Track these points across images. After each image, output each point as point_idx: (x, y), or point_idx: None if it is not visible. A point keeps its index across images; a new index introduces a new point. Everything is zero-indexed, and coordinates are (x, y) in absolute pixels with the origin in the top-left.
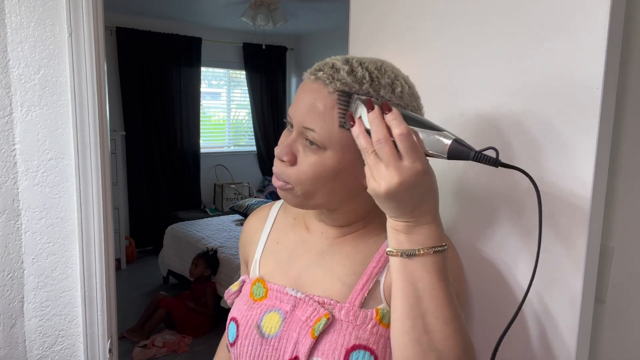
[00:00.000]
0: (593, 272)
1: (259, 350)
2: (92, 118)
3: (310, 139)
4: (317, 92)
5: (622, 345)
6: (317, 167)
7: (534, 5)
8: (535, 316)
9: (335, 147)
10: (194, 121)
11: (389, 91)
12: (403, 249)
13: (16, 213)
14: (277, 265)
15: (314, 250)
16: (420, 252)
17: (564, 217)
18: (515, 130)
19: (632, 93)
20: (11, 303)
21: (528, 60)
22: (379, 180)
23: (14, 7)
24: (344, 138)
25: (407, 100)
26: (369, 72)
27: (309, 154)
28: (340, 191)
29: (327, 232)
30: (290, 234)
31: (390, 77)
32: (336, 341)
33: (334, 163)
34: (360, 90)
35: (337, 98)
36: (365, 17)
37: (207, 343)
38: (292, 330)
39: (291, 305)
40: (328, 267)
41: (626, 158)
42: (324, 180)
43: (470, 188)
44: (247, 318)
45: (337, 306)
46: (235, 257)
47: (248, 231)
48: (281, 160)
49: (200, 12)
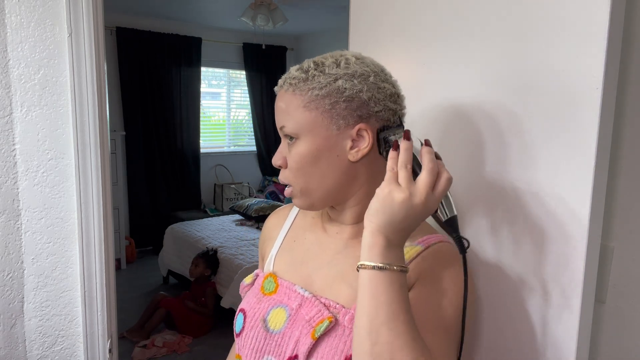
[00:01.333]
0: (593, 272)
1: (263, 344)
2: (92, 118)
3: (287, 134)
4: (280, 97)
5: (622, 345)
6: (297, 157)
7: (534, 5)
8: (535, 316)
9: (305, 132)
10: (194, 121)
11: (333, 67)
12: (375, 263)
13: (16, 213)
14: (292, 262)
15: (329, 251)
16: (389, 268)
17: (564, 217)
18: (515, 130)
19: (632, 93)
20: (11, 303)
21: (528, 60)
22: (406, 188)
23: (14, 7)
24: (309, 122)
25: (356, 68)
26: (314, 61)
27: (291, 150)
28: (331, 175)
29: (343, 232)
30: (307, 234)
31: (334, 57)
32: (336, 346)
33: (309, 147)
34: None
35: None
36: (365, 16)
37: (207, 343)
38: (295, 328)
39: (297, 303)
40: (339, 269)
41: (626, 158)
42: (308, 167)
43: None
44: (255, 310)
45: (342, 311)
46: (235, 257)
47: (268, 228)
48: (278, 166)
49: (200, 12)
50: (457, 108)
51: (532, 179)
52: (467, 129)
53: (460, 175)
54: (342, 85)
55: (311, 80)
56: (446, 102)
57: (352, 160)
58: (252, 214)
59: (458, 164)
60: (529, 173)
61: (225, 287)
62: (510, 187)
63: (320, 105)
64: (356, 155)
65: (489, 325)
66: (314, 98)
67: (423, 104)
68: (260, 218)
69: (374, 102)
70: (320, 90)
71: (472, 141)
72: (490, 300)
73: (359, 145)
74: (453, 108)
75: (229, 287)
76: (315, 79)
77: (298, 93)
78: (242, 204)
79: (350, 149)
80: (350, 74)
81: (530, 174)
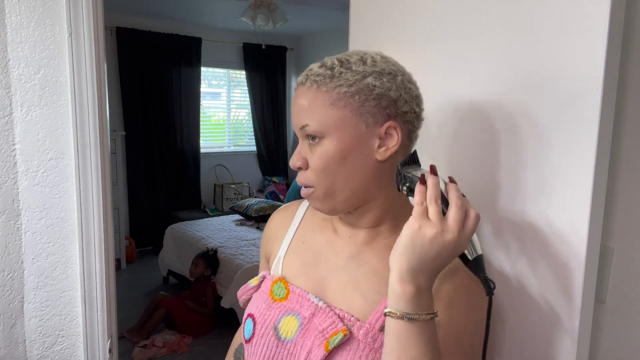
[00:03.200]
0: (593, 272)
1: (274, 352)
2: (92, 118)
3: (310, 134)
4: (302, 94)
5: (622, 345)
6: (323, 157)
7: (534, 5)
8: (535, 316)
9: (331, 131)
10: (194, 121)
11: (360, 64)
12: (406, 311)
13: (16, 213)
14: (302, 266)
15: (341, 255)
16: (421, 317)
17: (564, 217)
18: (515, 130)
19: (632, 93)
20: (11, 303)
21: (528, 60)
22: (437, 223)
23: (14, 7)
24: (336, 121)
25: (383, 66)
26: (337, 59)
27: (315, 150)
28: (357, 175)
29: (356, 236)
30: (317, 235)
31: (358, 54)
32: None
33: (336, 146)
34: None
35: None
36: (365, 16)
37: (207, 343)
38: (307, 338)
39: (310, 312)
40: (352, 276)
41: (626, 158)
42: (334, 167)
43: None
44: (265, 317)
45: (356, 324)
46: (235, 257)
47: (273, 226)
48: (297, 168)
49: (200, 12)
50: (456, 108)
51: (532, 178)
52: (467, 129)
53: (460, 175)
54: (371, 82)
55: (338, 78)
56: (446, 102)
57: (379, 159)
58: (252, 214)
59: (457, 163)
60: (529, 173)
61: (225, 287)
62: (510, 187)
63: (349, 103)
64: (384, 154)
65: None
66: (342, 95)
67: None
68: (260, 218)
69: (402, 101)
70: (349, 87)
71: (471, 141)
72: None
73: (387, 143)
74: (452, 108)
75: (229, 287)
76: (342, 75)
77: (324, 90)
78: (242, 204)
79: (378, 147)
80: (379, 72)
81: (530, 174)
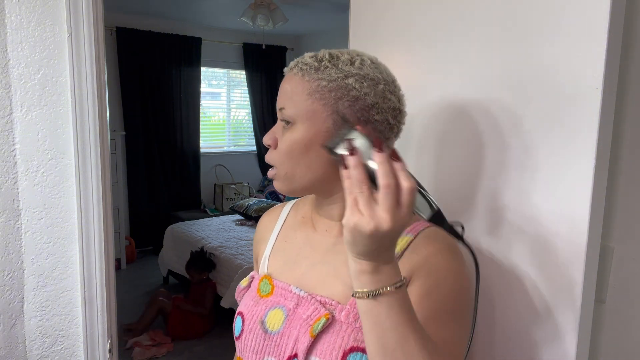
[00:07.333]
0: (593, 272)
1: (262, 345)
2: (92, 118)
3: (284, 118)
4: (288, 79)
5: (622, 345)
6: (289, 142)
7: (534, 5)
8: (535, 316)
9: (302, 119)
10: (194, 121)
11: (347, 64)
12: (369, 289)
13: (16, 213)
14: (285, 263)
15: (320, 249)
16: (385, 291)
17: (564, 217)
18: (515, 130)
19: (632, 93)
20: (11, 303)
21: (528, 60)
22: (369, 218)
23: (14, 7)
24: (309, 111)
25: (369, 71)
26: (330, 53)
27: (285, 134)
28: (317, 168)
29: (332, 229)
30: (298, 233)
31: (351, 54)
32: (334, 342)
33: (303, 134)
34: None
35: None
36: (365, 16)
37: (207, 343)
38: (293, 327)
39: (294, 303)
40: (332, 266)
41: (626, 158)
42: (297, 153)
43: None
44: (253, 313)
45: (338, 307)
46: (235, 257)
47: (261, 229)
48: (267, 145)
49: (200, 12)
50: (456, 108)
51: (532, 178)
52: (467, 129)
53: (460, 175)
54: (351, 83)
55: (322, 71)
56: (445, 102)
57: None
58: (252, 214)
59: (457, 163)
60: (529, 173)
61: (225, 287)
62: (510, 186)
63: (325, 97)
64: None
65: (487, 325)
66: (320, 88)
67: (422, 104)
68: (260, 218)
69: (376, 110)
70: (328, 82)
71: (472, 141)
72: (489, 300)
73: None
74: (452, 108)
75: (229, 287)
76: (326, 70)
77: (306, 79)
78: (242, 204)
79: None
80: (362, 75)
81: (530, 174)
